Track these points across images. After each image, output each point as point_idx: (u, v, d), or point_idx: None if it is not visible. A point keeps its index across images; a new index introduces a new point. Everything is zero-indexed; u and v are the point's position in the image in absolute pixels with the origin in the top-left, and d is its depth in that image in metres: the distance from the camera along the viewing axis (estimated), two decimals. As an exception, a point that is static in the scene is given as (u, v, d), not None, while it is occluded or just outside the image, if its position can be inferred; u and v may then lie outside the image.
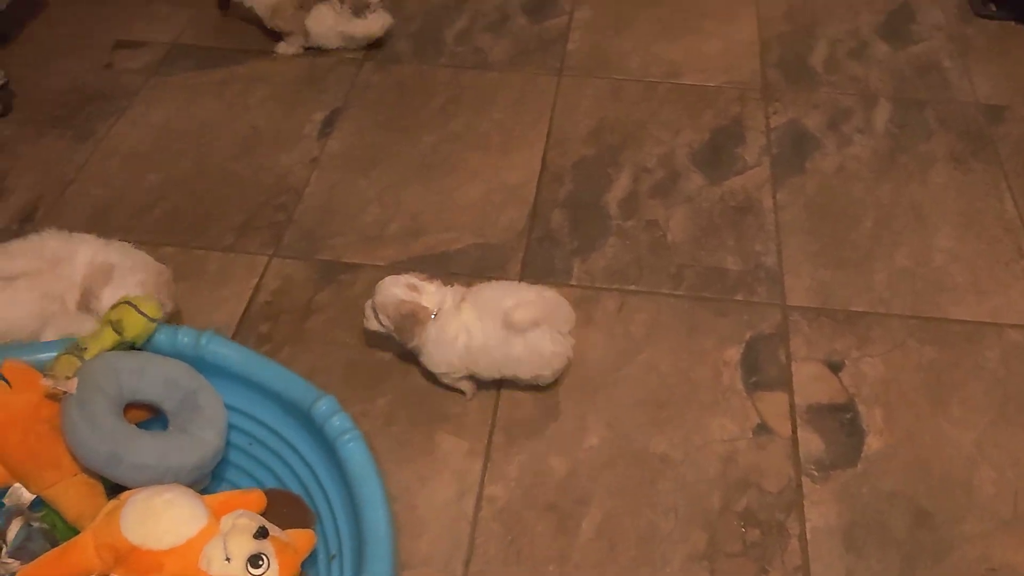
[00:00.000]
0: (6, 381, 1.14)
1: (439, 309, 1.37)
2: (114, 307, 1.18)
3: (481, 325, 1.36)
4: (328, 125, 1.97)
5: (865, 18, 2.27)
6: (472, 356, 1.38)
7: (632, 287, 1.64)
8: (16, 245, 1.37)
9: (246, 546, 1.01)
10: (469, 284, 1.47)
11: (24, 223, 1.75)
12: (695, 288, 1.64)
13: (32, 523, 1.07)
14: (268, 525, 1.04)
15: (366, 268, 1.67)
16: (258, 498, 1.06)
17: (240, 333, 1.56)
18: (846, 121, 1.97)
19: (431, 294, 1.39)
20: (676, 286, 1.64)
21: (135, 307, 1.17)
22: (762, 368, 1.51)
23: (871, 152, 1.90)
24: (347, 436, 1.10)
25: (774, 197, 1.80)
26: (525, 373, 1.41)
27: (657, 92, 2.05)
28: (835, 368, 1.51)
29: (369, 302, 1.42)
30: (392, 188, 1.83)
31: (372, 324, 1.42)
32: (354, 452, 1.08)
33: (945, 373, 1.50)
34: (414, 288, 1.38)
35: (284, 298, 1.62)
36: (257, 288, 1.64)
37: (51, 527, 1.09)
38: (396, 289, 1.38)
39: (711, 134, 1.95)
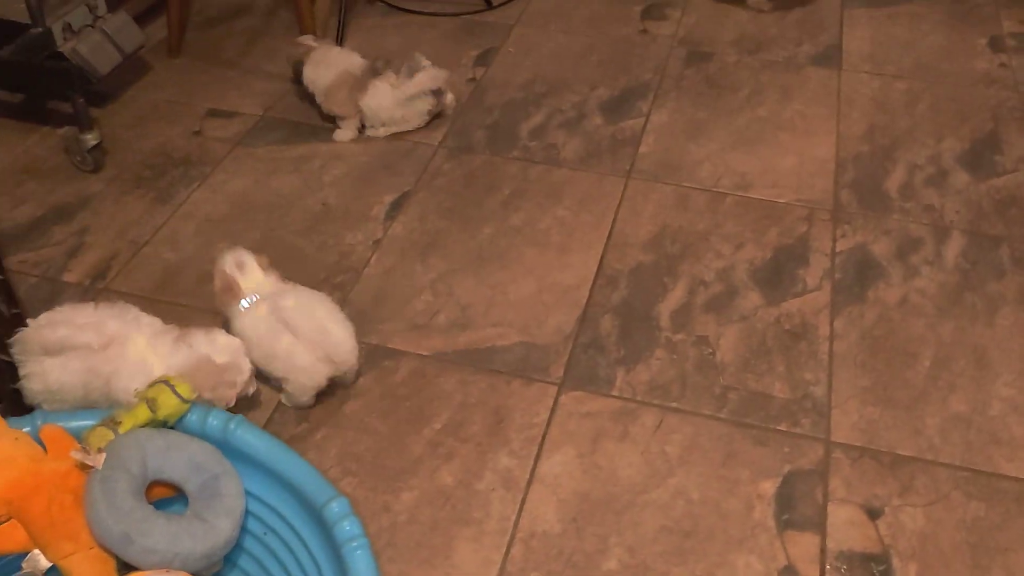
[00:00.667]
0: (42, 446, 1.19)
1: (256, 297, 1.55)
2: (151, 385, 1.23)
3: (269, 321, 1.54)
4: (395, 208, 2.02)
5: (949, 144, 2.22)
6: (252, 343, 1.52)
7: (674, 404, 1.62)
8: (82, 314, 1.42)
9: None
10: (505, 381, 1.48)
11: (96, 280, 1.83)
12: (738, 413, 1.61)
13: (43, 591, 1.11)
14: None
15: (409, 357, 1.69)
16: (258, 595, 1.08)
17: (280, 409, 1.60)
18: (915, 251, 1.92)
19: (253, 279, 1.56)
20: (719, 408, 1.61)
21: (171, 387, 1.21)
22: (796, 506, 1.46)
23: (937, 287, 1.84)
24: (355, 543, 1.10)
25: (831, 325, 1.77)
26: (276, 372, 1.55)
27: (724, 204, 2.04)
28: (873, 514, 1.45)
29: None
30: (446, 277, 1.85)
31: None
32: (359, 561, 1.09)
33: (990, 534, 1.43)
34: (241, 267, 1.57)
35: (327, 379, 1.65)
36: (303, 367, 1.67)
37: (62, 596, 1.13)
38: (228, 257, 1.58)
39: (774, 252, 1.92)
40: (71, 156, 2.10)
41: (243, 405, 1.56)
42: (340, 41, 2.51)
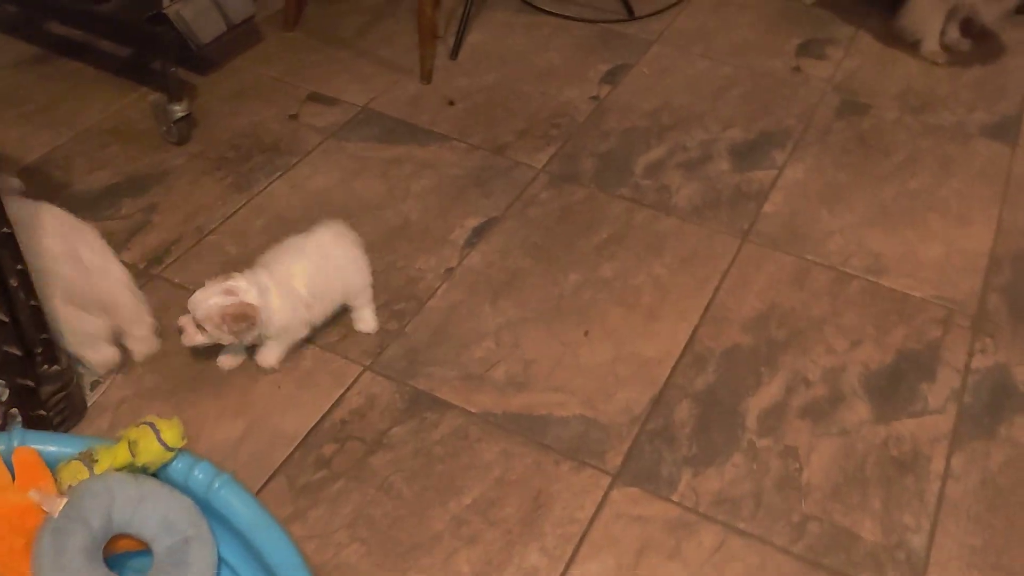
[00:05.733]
0: (11, 471, 1.07)
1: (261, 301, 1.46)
2: (136, 425, 1.09)
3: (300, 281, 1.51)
4: (477, 235, 1.84)
5: None
6: (312, 308, 1.53)
7: (741, 525, 1.39)
8: None
9: None
10: (554, 461, 1.29)
11: (152, 264, 1.73)
12: (815, 549, 1.37)
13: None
14: None
15: (455, 411, 1.52)
16: None
17: (302, 448, 1.45)
18: (1069, 386, 1.62)
19: (248, 290, 1.44)
20: (793, 540, 1.38)
21: (156, 432, 1.08)
22: None
23: (1090, 437, 1.54)
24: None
25: (947, 460, 1.49)
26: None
27: (848, 288, 1.78)
28: None
29: (187, 318, 1.46)
30: (515, 325, 1.67)
31: (197, 340, 1.46)
32: None
33: None
34: (231, 292, 1.44)
35: (360, 422, 1.50)
36: (339, 401, 1.52)
37: (-3, 647, 1.01)
38: (215, 299, 1.43)
39: (896, 357, 1.65)
40: (159, 125, 2.01)
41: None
42: (460, 35, 2.34)
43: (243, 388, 1.53)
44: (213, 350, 1.56)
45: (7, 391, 1.28)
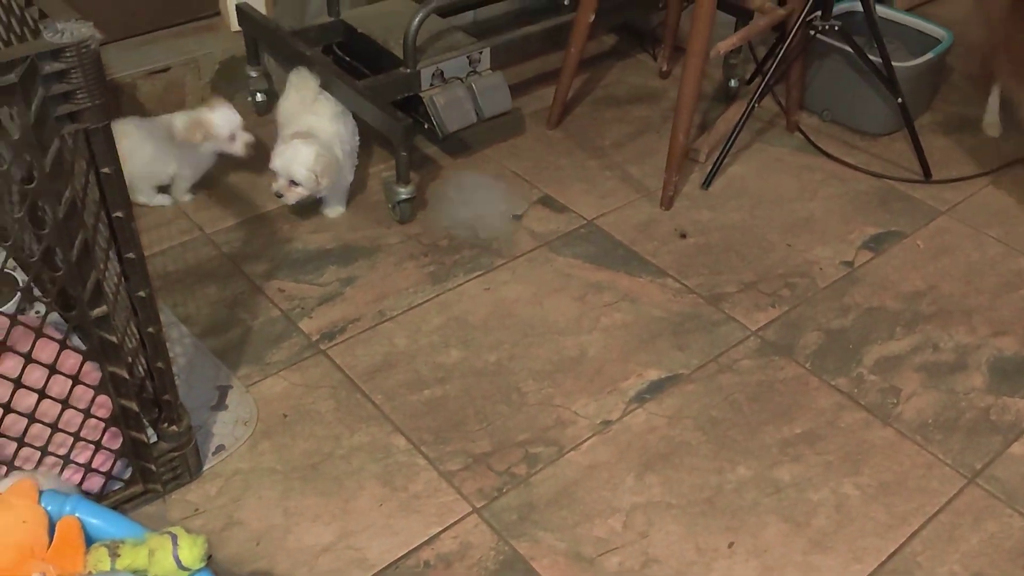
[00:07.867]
0: (51, 537, 1.08)
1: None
2: (161, 533, 1.06)
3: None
4: (653, 390, 1.66)
5: None
6: None
7: None
8: None
9: None
10: None
11: (322, 339, 1.74)
12: None
13: None
14: None
15: (547, 592, 1.35)
16: None
17: (376, 580, 1.36)
18: None
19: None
20: None
21: (175, 545, 1.03)
22: None
23: None
24: None
25: None
26: None
27: (1091, 586, 1.38)
28: None
29: (281, 182, 1.90)
30: (653, 509, 1.47)
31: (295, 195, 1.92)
32: None
33: None
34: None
35: (444, 571, 1.37)
36: (431, 540, 1.41)
37: None
38: (304, 150, 1.87)
39: None
40: (387, 201, 2.04)
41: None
42: (718, 164, 2.16)
43: (350, 493, 1.48)
44: (339, 439, 1.53)
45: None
